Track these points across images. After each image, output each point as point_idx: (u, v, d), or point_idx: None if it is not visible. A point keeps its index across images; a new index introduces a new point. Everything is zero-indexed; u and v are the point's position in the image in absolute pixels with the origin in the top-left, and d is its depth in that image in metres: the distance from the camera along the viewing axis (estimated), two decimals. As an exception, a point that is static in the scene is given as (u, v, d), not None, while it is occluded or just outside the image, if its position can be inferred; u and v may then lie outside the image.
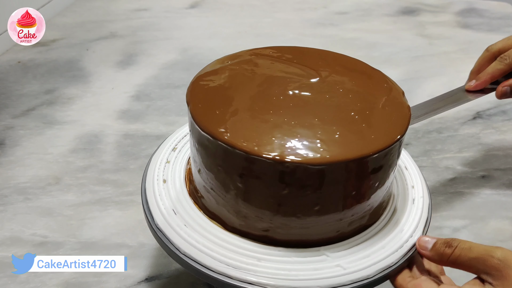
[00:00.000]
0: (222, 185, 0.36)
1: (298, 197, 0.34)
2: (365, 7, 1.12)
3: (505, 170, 0.64)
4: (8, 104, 0.74)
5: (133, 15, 1.05)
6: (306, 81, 0.40)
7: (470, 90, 0.52)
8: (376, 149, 0.33)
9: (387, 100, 0.38)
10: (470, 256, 0.34)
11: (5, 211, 0.56)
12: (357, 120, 0.36)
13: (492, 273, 0.33)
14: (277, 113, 0.36)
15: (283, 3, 1.14)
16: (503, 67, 0.50)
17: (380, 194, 0.38)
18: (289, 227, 0.36)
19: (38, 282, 0.48)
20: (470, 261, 0.34)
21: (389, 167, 0.36)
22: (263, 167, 0.33)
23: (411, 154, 0.49)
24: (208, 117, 0.36)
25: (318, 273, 0.35)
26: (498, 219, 0.57)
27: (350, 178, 0.34)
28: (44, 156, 0.65)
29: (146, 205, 0.41)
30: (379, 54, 0.93)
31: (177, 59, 0.88)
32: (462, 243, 0.35)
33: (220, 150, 0.34)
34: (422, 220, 0.40)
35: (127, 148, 0.66)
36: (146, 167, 0.44)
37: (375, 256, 0.37)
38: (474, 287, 0.34)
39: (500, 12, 1.10)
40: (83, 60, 0.87)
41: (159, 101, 0.76)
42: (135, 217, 0.56)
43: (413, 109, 0.49)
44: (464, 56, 0.91)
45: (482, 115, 0.75)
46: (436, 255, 0.36)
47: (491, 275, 0.33)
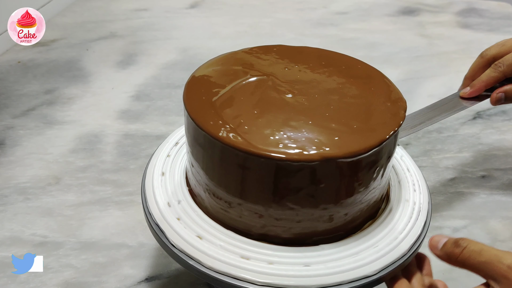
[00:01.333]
0: (218, 183, 0.37)
1: (293, 193, 0.35)
2: (365, 7, 1.12)
3: (505, 170, 0.64)
4: (8, 104, 0.74)
5: (133, 15, 1.05)
6: (303, 80, 0.40)
7: (464, 97, 0.52)
8: (366, 146, 0.34)
9: (383, 99, 0.39)
10: (480, 259, 0.33)
11: (5, 211, 0.56)
12: (351, 118, 0.36)
13: (500, 280, 0.32)
14: (272, 111, 0.36)
15: (283, 3, 1.14)
16: (497, 75, 0.50)
17: (373, 192, 0.38)
18: (285, 224, 0.36)
19: (38, 282, 0.48)
20: (479, 265, 0.33)
21: (381, 165, 0.37)
22: (258, 164, 0.33)
23: (411, 154, 0.48)
24: (204, 113, 0.36)
25: (312, 268, 0.35)
26: (498, 219, 0.57)
27: (341, 175, 0.34)
28: (44, 156, 0.65)
29: (144, 200, 0.41)
30: (379, 54, 0.93)
31: (177, 59, 0.88)
32: (472, 245, 0.34)
33: (216, 147, 0.34)
34: (419, 222, 0.40)
35: (127, 148, 0.66)
36: (147, 165, 0.45)
37: (366, 256, 0.37)
38: None
39: (500, 12, 1.10)
40: (83, 60, 0.87)
41: (159, 101, 0.76)
42: (135, 217, 0.56)
43: (409, 118, 0.50)
44: (464, 56, 0.91)
45: (482, 115, 0.75)
46: (445, 255, 0.35)
47: (498, 281, 0.32)
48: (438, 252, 0.36)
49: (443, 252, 0.36)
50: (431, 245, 0.37)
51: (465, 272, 0.35)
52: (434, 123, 0.50)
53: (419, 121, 0.49)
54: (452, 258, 0.35)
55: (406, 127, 0.49)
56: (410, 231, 0.39)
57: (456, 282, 0.47)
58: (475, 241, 0.35)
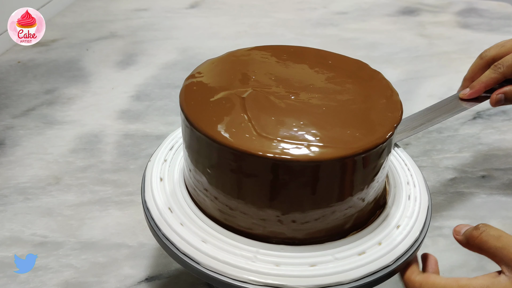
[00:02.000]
0: (215, 184, 0.37)
1: (291, 193, 0.35)
2: (365, 7, 1.12)
3: (505, 170, 0.64)
4: (8, 104, 0.74)
5: (133, 15, 1.05)
6: (301, 80, 0.40)
7: (464, 99, 0.52)
8: (362, 148, 0.34)
9: (380, 100, 0.39)
10: (497, 244, 0.34)
11: (5, 211, 0.56)
12: (350, 119, 0.36)
13: (510, 265, 0.33)
14: (270, 111, 0.36)
15: (283, 3, 1.14)
16: (497, 76, 0.50)
17: (370, 192, 0.38)
18: (284, 224, 0.36)
19: (38, 282, 0.48)
20: (496, 250, 0.34)
21: (379, 165, 0.37)
22: (256, 164, 0.33)
23: (411, 154, 0.48)
24: (201, 115, 0.36)
25: (317, 268, 0.35)
26: (498, 219, 0.57)
27: (338, 176, 0.34)
28: (44, 156, 0.65)
29: (145, 201, 0.41)
30: (379, 54, 0.93)
31: (177, 59, 0.88)
32: (490, 229, 0.35)
33: (213, 148, 0.34)
34: (419, 221, 0.40)
35: (127, 148, 0.66)
36: (146, 167, 0.45)
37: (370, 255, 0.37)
38: (488, 277, 0.34)
39: (500, 12, 1.10)
40: (83, 60, 0.87)
41: (159, 101, 0.76)
42: (135, 217, 0.56)
43: (409, 120, 0.50)
44: (464, 56, 0.91)
45: (482, 115, 0.75)
46: (465, 238, 0.37)
47: (509, 266, 0.33)
48: (459, 237, 0.38)
49: (464, 235, 0.37)
50: (455, 231, 0.38)
51: (465, 272, 0.35)
52: (434, 124, 0.50)
53: (419, 123, 0.49)
54: (470, 241, 0.36)
55: (406, 128, 0.49)
56: (411, 229, 0.39)
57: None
58: (494, 227, 0.35)
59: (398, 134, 0.48)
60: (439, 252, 0.37)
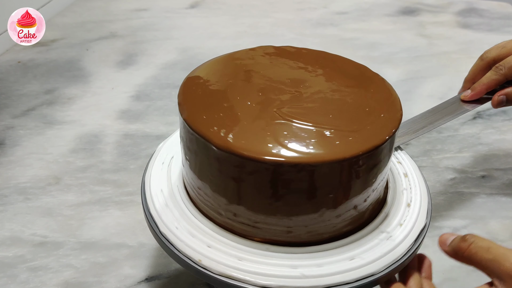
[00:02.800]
0: (215, 187, 0.37)
1: (288, 196, 0.34)
2: (365, 7, 1.12)
3: (505, 170, 0.64)
4: (8, 104, 0.74)
5: (133, 15, 1.04)
6: (300, 82, 0.40)
7: (465, 101, 0.52)
8: (361, 150, 0.34)
9: (380, 103, 0.38)
10: (487, 257, 0.33)
11: (5, 211, 0.56)
12: (349, 122, 0.36)
13: (505, 279, 0.32)
14: (269, 114, 0.36)
15: (283, 3, 1.14)
16: (499, 77, 0.50)
17: (369, 195, 0.38)
18: (283, 226, 0.36)
19: (38, 282, 0.48)
20: (486, 262, 0.33)
21: (379, 168, 0.36)
22: (254, 168, 0.33)
23: (411, 154, 0.48)
24: (199, 118, 0.36)
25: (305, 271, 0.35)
26: (498, 219, 0.57)
27: (336, 178, 0.34)
28: (44, 156, 0.65)
29: (145, 202, 0.41)
30: (379, 54, 0.93)
31: (177, 59, 0.88)
32: (479, 241, 0.34)
33: (211, 151, 0.34)
34: (419, 223, 0.40)
35: (127, 148, 0.66)
36: (146, 167, 0.45)
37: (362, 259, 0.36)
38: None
39: (500, 12, 1.10)
40: (83, 60, 0.87)
41: (159, 101, 0.76)
42: (135, 217, 0.56)
43: (410, 123, 0.49)
44: (464, 56, 0.91)
45: (482, 115, 0.75)
46: (452, 250, 0.36)
47: (504, 281, 0.32)
48: (446, 248, 0.36)
49: (451, 247, 0.36)
50: (440, 241, 0.37)
51: (465, 272, 0.35)
52: (436, 127, 0.49)
53: (421, 126, 0.49)
54: (459, 253, 0.35)
55: (408, 131, 0.48)
56: (410, 232, 0.39)
57: (456, 282, 0.47)
58: (482, 237, 0.34)
59: (400, 138, 0.48)
60: (439, 252, 0.37)
